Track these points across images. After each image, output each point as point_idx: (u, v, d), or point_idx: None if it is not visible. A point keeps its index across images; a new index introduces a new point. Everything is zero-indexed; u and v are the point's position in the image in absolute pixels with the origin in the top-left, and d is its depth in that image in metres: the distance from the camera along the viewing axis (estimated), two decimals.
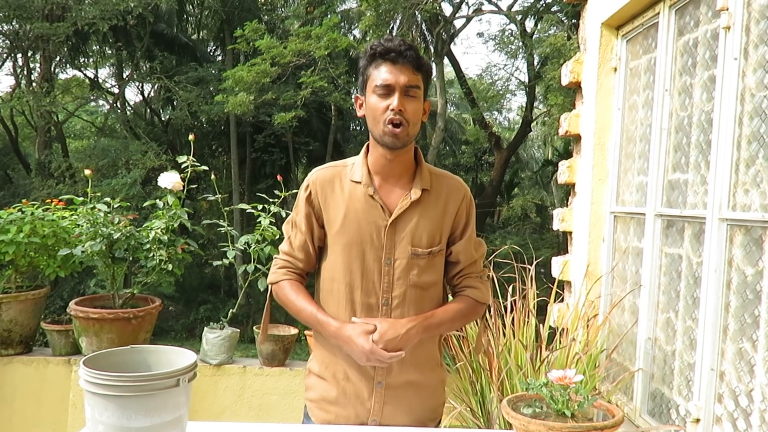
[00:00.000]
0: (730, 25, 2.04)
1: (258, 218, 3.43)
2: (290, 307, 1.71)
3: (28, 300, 3.40)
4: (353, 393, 1.66)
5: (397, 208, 1.63)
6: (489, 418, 2.49)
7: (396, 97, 1.55)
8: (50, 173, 13.04)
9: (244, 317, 12.84)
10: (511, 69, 20.07)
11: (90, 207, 3.27)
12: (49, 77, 13.77)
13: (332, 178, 1.68)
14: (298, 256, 1.73)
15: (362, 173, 1.65)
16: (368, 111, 1.61)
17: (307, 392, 1.76)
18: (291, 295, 1.71)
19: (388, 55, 1.56)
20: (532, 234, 19.51)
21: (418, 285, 1.65)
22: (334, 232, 1.66)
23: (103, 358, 1.35)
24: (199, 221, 4.18)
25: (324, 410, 1.70)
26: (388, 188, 1.66)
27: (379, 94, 1.57)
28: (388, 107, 1.55)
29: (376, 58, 1.58)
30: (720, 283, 2.04)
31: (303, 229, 1.70)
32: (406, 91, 1.56)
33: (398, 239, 1.63)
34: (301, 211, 1.70)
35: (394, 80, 1.55)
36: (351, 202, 1.65)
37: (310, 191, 1.68)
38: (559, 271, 3.26)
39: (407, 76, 1.56)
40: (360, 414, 1.66)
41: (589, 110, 3.05)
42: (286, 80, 12.13)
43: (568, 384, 1.28)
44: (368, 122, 1.63)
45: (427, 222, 1.65)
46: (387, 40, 1.58)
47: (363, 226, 1.63)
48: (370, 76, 1.60)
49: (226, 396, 3.47)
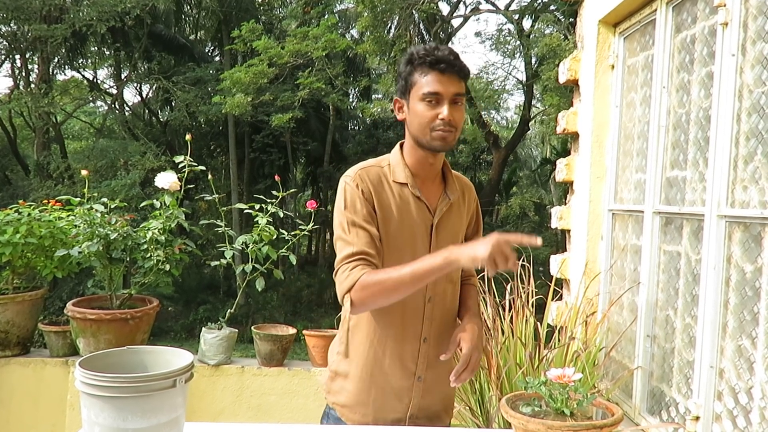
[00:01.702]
0: (727, 21, 2.04)
1: (256, 218, 3.42)
2: (386, 286, 1.52)
3: (26, 301, 3.39)
4: (393, 392, 1.69)
5: (439, 209, 1.71)
6: (488, 417, 2.49)
7: (446, 107, 1.58)
8: (49, 174, 13.04)
9: (243, 317, 12.84)
10: (509, 68, 20.09)
11: (87, 208, 3.26)
12: (48, 78, 13.76)
13: (379, 177, 1.67)
14: (370, 252, 1.59)
15: (405, 175, 1.68)
16: (413, 117, 1.63)
17: (335, 396, 1.74)
18: (382, 277, 1.52)
19: (438, 66, 1.58)
20: (530, 232, 19.50)
21: (452, 280, 1.76)
22: (388, 231, 1.65)
23: (99, 359, 1.34)
24: (197, 222, 4.17)
25: (361, 413, 1.71)
26: (427, 188, 1.72)
27: (428, 102, 1.59)
28: (437, 116, 1.59)
29: (423, 66, 1.60)
30: (719, 280, 2.04)
31: (367, 225, 1.60)
32: (453, 100, 1.60)
33: (441, 238, 1.70)
34: (360, 209, 1.61)
35: (444, 90, 1.58)
36: (402, 204, 1.67)
37: (362, 189, 1.63)
38: (557, 269, 3.25)
39: (455, 87, 1.60)
40: (398, 410, 1.71)
41: (586, 108, 3.05)
42: (283, 81, 12.13)
43: (567, 382, 1.28)
44: (412, 127, 1.65)
45: (458, 220, 1.77)
46: (435, 48, 1.60)
47: (413, 227, 1.67)
48: (417, 83, 1.61)
49: (225, 396, 3.46)
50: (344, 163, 18.13)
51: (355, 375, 1.71)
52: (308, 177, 20.34)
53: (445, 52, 1.59)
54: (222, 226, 3.42)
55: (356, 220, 1.61)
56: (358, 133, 19.18)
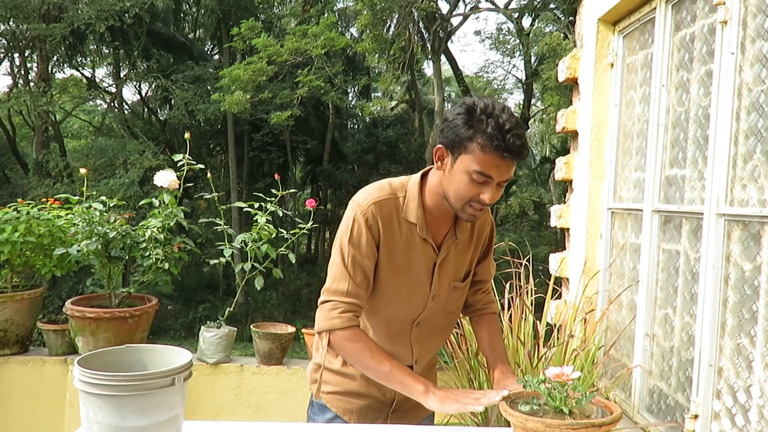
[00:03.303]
0: (726, 19, 2.04)
1: (255, 217, 3.42)
2: (361, 360, 1.57)
3: (24, 299, 3.39)
4: (376, 383, 1.69)
5: (444, 248, 1.67)
6: (486, 416, 2.48)
7: (491, 191, 1.48)
8: (48, 173, 13.04)
9: (242, 316, 12.86)
10: (508, 67, 20.10)
11: (86, 206, 3.26)
12: (47, 77, 13.76)
13: (390, 213, 1.60)
14: (363, 294, 1.60)
15: (417, 216, 1.61)
16: (453, 181, 1.51)
17: (324, 386, 1.76)
18: (365, 350, 1.55)
19: (503, 153, 1.43)
20: (530, 231, 19.54)
21: (449, 311, 1.76)
22: (388, 268, 1.63)
23: (98, 358, 1.34)
24: (197, 220, 4.16)
25: (346, 401, 1.74)
26: (436, 226, 1.66)
27: (475, 179, 1.47)
28: (479, 194, 1.49)
29: (487, 142, 1.43)
30: (718, 278, 2.04)
31: (367, 265, 1.59)
32: (499, 184, 1.50)
33: (443, 276, 1.69)
34: (364, 246, 1.58)
35: (498, 177, 1.47)
36: (408, 242, 1.62)
37: (371, 225, 1.58)
38: (556, 268, 3.26)
39: (509, 173, 1.48)
40: (387, 393, 1.73)
41: (586, 106, 3.05)
42: (282, 78, 12.13)
43: (565, 381, 1.28)
44: (448, 187, 1.54)
45: (464, 256, 1.73)
46: (507, 131, 1.42)
47: (415, 265, 1.65)
48: (472, 153, 1.45)
49: (224, 395, 3.46)
50: (344, 161, 18.15)
51: (340, 368, 1.74)
52: (308, 176, 20.35)
53: (516, 142, 1.42)
54: (221, 224, 3.41)
55: (357, 257, 1.58)
56: (358, 131, 19.17)
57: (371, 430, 1.62)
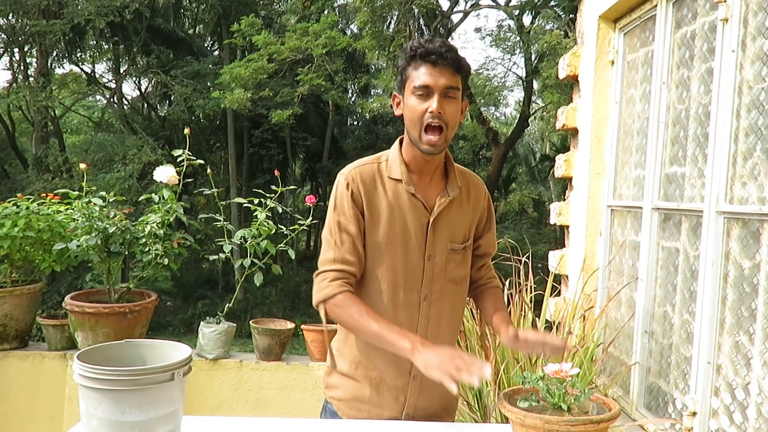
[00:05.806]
0: (727, 17, 2.03)
1: (254, 213, 3.42)
2: (352, 324, 1.58)
3: (24, 294, 3.39)
4: (387, 391, 1.68)
5: (437, 206, 1.65)
6: (486, 412, 2.49)
7: (435, 100, 1.53)
8: (47, 168, 13.03)
9: (242, 312, 12.85)
10: (509, 64, 20.08)
11: (85, 201, 3.25)
12: (46, 72, 13.74)
13: (372, 175, 1.64)
14: (351, 260, 1.61)
15: (401, 171, 1.63)
16: (406, 112, 1.59)
17: (332, 390, 1.75)
18: (354, 313, 1.56)
19: (429, 57, 1.54)
20: (529, 229, 19.55)
21: (454, 279, 1.71)
22: (379, 231, 1.62)
23: (97, 353, 1.34)
24: (196, 216, 4.16)
25: (356, 409, 1.71)
26: (425, 185, 1.67)
27: (418, 95, 1.55)
28: (427, 110, 1.54)
29: (415, 59, 1.56)
30: (717, 276, 2.04)
31: (352, 230, 1.61)
32: (445, 93, 1.54)
33: (438, 236, 1.66)
34: (347, 211, 1.61)
35: (434, 82, 1.53)
36: (395, 201, 1.63)
37: (351, 190, 1.61)
38: (555, 265, 3.26)
39: (447, 78, 1.54)
40: (394, 409, 1.69)
41: (586, 104, 3.05)
42: (283, 76, 12.11)
43: (564, 377, 1.28)
44: (406, 123, 1.61)
45: (461, 218, 1.70)
46: (427, 41, 1.56)
47: (407, 224, 1.63)
48: (409, 76, 1.57)
49: (223, 390, 3.47)
50: (343, 158, 18.11)
51: (350, 371, 1.71)
52: (307, 172, 20.34)
53: (436, 44, 1.54)
54: (221, 220, 3.41)
55: (342, 222, 1.61)
56: (358, 128, 19.17)
57: (368, 427, 1.62)
